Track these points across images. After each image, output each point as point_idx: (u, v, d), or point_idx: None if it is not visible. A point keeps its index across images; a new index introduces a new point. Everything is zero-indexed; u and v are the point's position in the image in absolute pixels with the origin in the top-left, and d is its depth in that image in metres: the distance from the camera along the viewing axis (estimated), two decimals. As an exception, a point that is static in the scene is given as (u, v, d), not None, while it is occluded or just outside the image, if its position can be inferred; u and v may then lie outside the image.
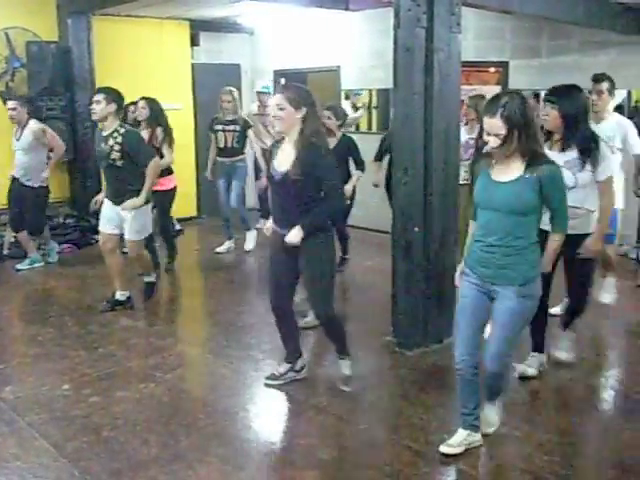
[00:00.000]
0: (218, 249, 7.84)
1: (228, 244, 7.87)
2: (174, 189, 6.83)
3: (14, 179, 6.92)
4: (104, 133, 5.36)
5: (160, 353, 4.84)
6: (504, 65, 8.20)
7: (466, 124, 6.46)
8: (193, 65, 9.55)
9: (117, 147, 5.28)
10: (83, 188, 8.16)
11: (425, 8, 4.47)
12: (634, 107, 7.48)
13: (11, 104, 6.68)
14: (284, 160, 3.88)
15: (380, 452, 3.54)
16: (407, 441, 3.60)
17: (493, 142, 3.11)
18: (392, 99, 5.18)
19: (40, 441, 3.61)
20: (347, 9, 8.42)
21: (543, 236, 3.38)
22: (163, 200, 6.68)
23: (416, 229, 4.67)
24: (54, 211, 8.10)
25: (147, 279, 5.98)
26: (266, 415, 4.07)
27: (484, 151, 3.25)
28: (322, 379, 4.56)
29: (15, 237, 7.38)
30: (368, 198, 7.41)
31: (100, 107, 5.27)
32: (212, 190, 7.91)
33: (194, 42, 9.56)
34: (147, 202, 5.50)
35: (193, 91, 9.50)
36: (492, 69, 8.56)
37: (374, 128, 9.03)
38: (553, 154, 3.80)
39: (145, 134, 6.32)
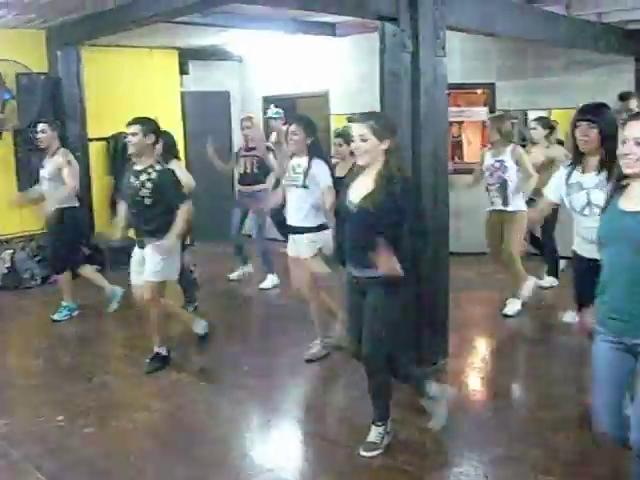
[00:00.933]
0: (231, 275, 7.77)
1: (242, 270, 7.73)
2: None
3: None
4: (137, 167, 4.84)
5: (155, 382, 4.83)
6: (491, 86, 8.30)
7: (490, 148, 6.19)
8: (182, 93, 9.60)
9: (149, 184, 4.73)
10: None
11: (410, 33, 4.53)
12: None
13: (40, 127, 6.38)
14: (362, 192, 3.52)
15: (377, 476, 3.53)
16: (403, 465, 3.59)
17: None
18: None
19: (35, 474, 3.59)
20: (334, 35, 8.54)
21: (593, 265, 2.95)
22: None
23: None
24: (47, 240, 7.98)
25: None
26: (262, 443, 4.06)
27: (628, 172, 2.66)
28: (317, 406, 4.56)
29: (8, 268, 7.36)
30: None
31: (136, 139, 4.76)
32: (203, 217, 7.89)
33: (183, 70, 9.61)
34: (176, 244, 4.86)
35: (183, 119, 9.55)
36: (479, 90, 8.65)
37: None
38: (587, 177, 3.70)
39: None
